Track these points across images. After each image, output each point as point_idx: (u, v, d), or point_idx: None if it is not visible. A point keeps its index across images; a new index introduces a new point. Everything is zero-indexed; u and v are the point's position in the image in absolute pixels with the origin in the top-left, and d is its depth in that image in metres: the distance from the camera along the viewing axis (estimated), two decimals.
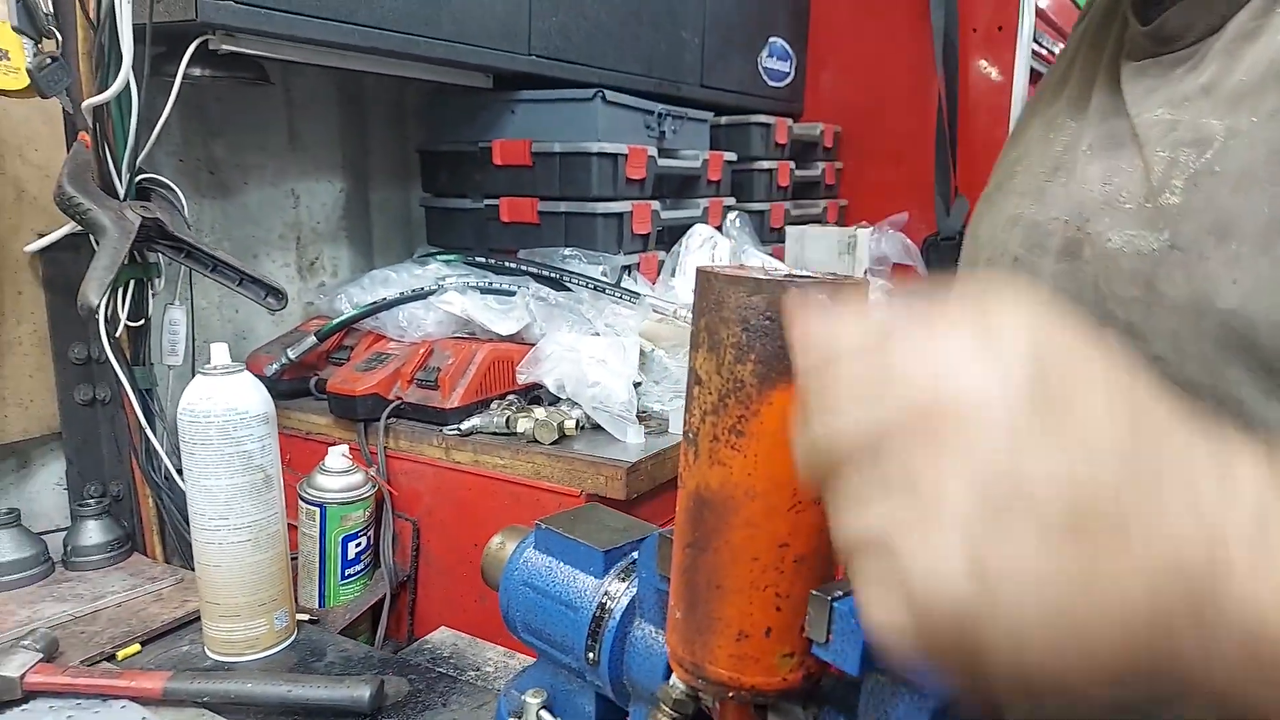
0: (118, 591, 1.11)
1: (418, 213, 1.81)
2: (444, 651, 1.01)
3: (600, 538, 0.65)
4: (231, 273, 1.18)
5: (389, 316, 1.35)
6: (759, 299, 0.43)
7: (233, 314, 1.49)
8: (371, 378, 1.26)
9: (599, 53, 1.65)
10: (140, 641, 1.00)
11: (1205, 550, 0.29)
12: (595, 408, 1.18)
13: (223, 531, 0.94)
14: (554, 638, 0.65)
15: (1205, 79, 0.52)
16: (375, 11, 1.21)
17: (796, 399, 0.40)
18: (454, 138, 1.66)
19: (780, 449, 0.44)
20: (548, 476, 1.12)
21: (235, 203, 1.49)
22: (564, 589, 0.65)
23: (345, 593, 1.18)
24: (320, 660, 0.97)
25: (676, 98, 1.86)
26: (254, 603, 0.96)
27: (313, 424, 1.32)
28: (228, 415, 0.93)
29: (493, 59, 1.44)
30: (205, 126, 1.43)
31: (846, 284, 0.44)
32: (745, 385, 0.44)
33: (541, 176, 1.57)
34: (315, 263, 1.66)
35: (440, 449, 1.20)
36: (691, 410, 0.47)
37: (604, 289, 1.44)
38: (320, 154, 1.65)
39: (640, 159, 1.60)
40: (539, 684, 0.69)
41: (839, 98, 2.33)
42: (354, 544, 1.17)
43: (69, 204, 1.05)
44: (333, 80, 1.63)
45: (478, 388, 1.24)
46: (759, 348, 0.43)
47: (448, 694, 0.90)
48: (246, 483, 0.94)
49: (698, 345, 0.46)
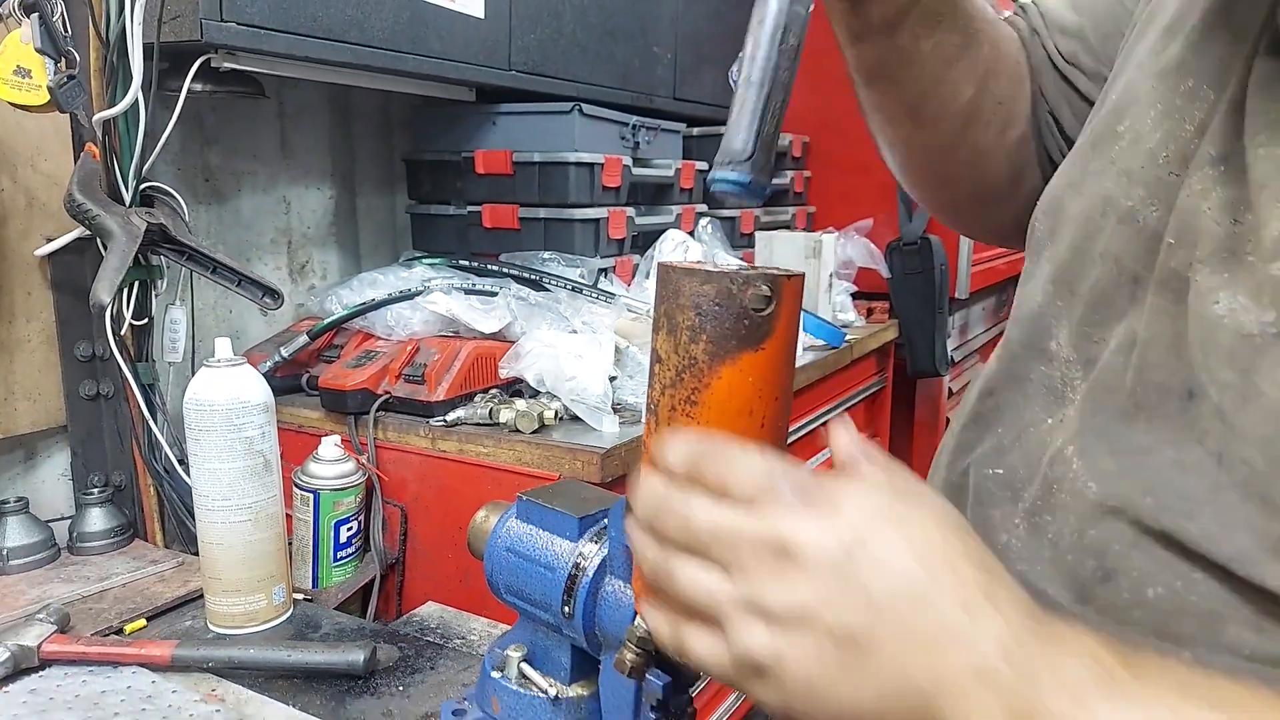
0: (122, 574, 1.18)
1: (403, 219, 1.89)
2: (431, 623, 1.08)
3: (575, 506, 0.72)
4: (231, 274, 1.25)
5: (377, 316, 1.43)
6: (709, 288, 0.52)
7: (227, 314, 1.56)
8: (361, 373, 1.34)
9: (576, 68, 1.74)
10: (146, 617, 1.07)
11: (931, 683, 0.40)
12: (573, 400, 1.26)
13: (225, 512, 1.02)
14: (533, 596, 0.72)
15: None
16: (366, 31, 1.30)
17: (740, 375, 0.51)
18: (438, 148, 1.75)
19: (728, 416, 0.53)
20: (528, 463, 1.20)
21: (229, 208, 1.57)
22: (542, 552, 0.72)
23: (337, 574, 1.25)
24: (316, 632, 1.05)
25: (650, 110, 1.95)
26: (254, 578, 1.04)
27: (305, 418, 1.39)
28: (231, 404, 1.00)
29: (475, 74, 1.52)
30: (201, 136, 1.50)
31: (786, 276, 0.53)
32: (698, 362, 0.52)
33: (522, 184, 1.66)
34: (306, 266, 1.73)
35: (427, 439, 1.28)
36: (653, 385, 0.56)
37: (581, 289, 1.52)
38: (310, 162, 1.72)
39: (616, 168, 1.69)
40: (520, 641, 0.77)
41: (807, 109, 2.41)
42: (345, 528, 1.24)
43: (79, 210, 1.13)
44: (323, 93, 1.71)
45: (462, 382, 1.32)
46: (710, 329, 0.52)
47: (435, 659, 0.98)
48: (247, 466, 1.02)
49: (658, 328, 0.55)
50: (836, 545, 0.42)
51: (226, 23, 1.11)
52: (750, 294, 0.50)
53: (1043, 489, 0.56)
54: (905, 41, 0.68)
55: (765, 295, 0.51)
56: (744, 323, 0.51)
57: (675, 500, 0.48)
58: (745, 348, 0.51)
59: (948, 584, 0.41)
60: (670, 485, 0.49)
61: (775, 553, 0.43)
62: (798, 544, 0.43)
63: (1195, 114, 0.52)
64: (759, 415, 0.52)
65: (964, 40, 0.70)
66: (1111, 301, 0.55)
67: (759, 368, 0.52)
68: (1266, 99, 0.47)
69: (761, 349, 0.51)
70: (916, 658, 0.40)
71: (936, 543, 0.42)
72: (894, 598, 0.41)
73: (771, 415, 0.53)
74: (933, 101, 0.72)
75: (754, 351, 0.51)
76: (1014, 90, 0.74)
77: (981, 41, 0.71)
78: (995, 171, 0.76)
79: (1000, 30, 0.74)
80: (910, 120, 0.75)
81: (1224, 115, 0.49)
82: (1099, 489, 0.52)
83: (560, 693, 0.72)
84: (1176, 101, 0.53)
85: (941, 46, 0.69)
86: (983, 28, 0.71)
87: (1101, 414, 0.53)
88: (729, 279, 0.51)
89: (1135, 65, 0.60)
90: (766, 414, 0.52)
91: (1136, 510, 0.49)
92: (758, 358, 0.51)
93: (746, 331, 0.51)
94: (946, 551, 0.42)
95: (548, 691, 0.72)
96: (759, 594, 0.43)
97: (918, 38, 0.68)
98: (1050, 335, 0.60)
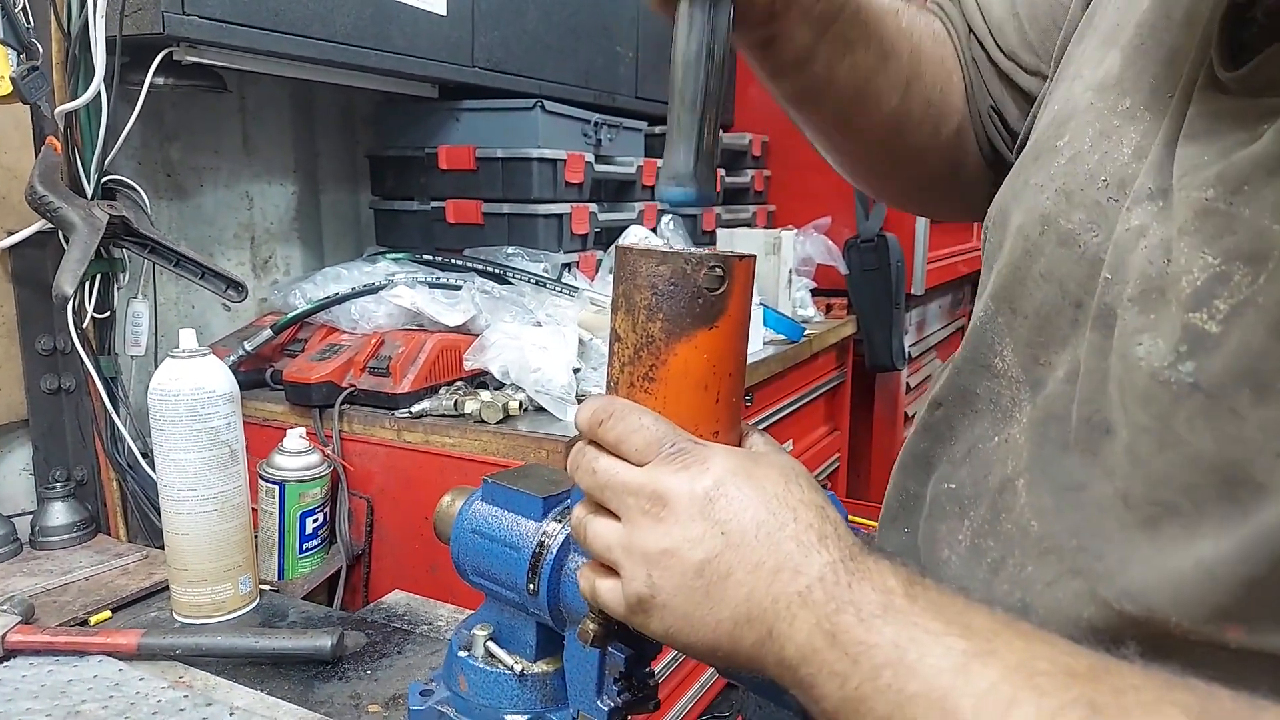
0: (85, 567, 1.18)
1: (367, 214, 1.89)
2: (399, 610, 1.10)
3: (540, 487, 0.74)
4: (194, 267, 1.26)
5: (342, 310, 1.44)
6: (665, 268, 0.54)
7: (190, 309, 1.56)
8: (326, 366, 1.35)
9: (538, 66, 1.76)
10: (111, 608, 1.07)
11: (770, 603, 0.47)
12: (537, 391, 1.28)
13: (191, 502, 1.02)
14: (499, 576, 0.74)
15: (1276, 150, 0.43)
16: (329, 27, 1.31)
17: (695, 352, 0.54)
18: (401, 144, 1.76)
19: (684, 391, 0.55)
20: (494, 452, 1.22)
21: (191, 204, 1.57)
22: (508, 532, 0.74)
23: (303, 566, 1.26)
24: (283, 620, 1.06)
25: (612, 108, 1.98)
26: (220, 568, 1.04)
27: (269, 411, 1.40)
28: (195, 394, 1.01)
29: (438, 71, 1.54)
30: (163, 131, 1.50)
31: (738, 257, 0.55)
32: (655, 339, 0.55)
33: (485, 180, 1.67)
34: (269, 261, 1.73)
35: (392, 431, 1.29)
36: (611, 363, 0.58)
37: (544, 283, 1.54)
38: (273, 158, 1.73)
39: (578, 164, 1.71)
40: (486, 620, 0.79)
41: (766, 110, 2.45)
42: (311, 519, 1.25)
43: (41, 203, 1.13)
44: (285, 88, 1.71)
45: (427, 374, 1.33)
46: (666, 308, 0.54)
47: (402, 644, 0.99)
48: (213, 456, 1.02)
49: (616, 309, 0.57)
50: (701, 493, 0.50)
51: (189, 16, 1.12)
52: (704, 274, 0.53)
53: (990, 514, 0.59)
54: (819, 70, 0.70)
55: (718, 275, 0.53)
56: (698, 301, 0.53)
57: (587, 455, 0.56)
58: (700, 325, 0.54)
59: (788, 524, 0.49)
60: (583, 443, 0.57)
61: (653, 501, 0.51)
62: (671, 494, 0.50)
63: (1132, 136, 0.53)
64: (714, 390, 0.55)
65: (879, 55, 0.72)
66: (1056, 325, 0.56)
67: (713, 344, 0.54)
68: (1193, 141, 0.48)
69: (715, 326, 0.54)
70: (759, 584, 0.48)
71: (782, 492, 0.50)
72: (744, 535, 0.49)
73: (726, 390, 0.55)
74: (858, 115, 0.75)
75: (708, 329, 0.54)
76: (942, 90, 0.76)
77: (899, 52, 0.73)
78: (934, 164, 0.79)
79: (919, 32, 0.75)
80: (840, 132, 0.79)
81: (1160, 147, 0.50)
82: (1039, 527, 0.55)
83: (526, 669, 0.74)
84: (1114, 121, 0.55)
85: (857, 67, 0.71)
86: (897, 38, 0.72)
87: (1048, 445, 0.55)
88: (684, 259, 0.54)
89: (1074, 74, 0.61)
90: (721, 389, 0.55)
91: (1062, 552, 0.53)
92: (712, 335, 0.54)
93: (701, 310, 0.53)
94: (789, 499, 0.50)
95: (514, 668, 0.74)
96: (640, 539, 0.51)
97: (831, 65, 0.70)
98: (994, 351, 0.62)
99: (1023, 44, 0.73)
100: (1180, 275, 0.46)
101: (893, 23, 0.72)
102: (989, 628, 0.43)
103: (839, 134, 0.79)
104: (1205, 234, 0.45)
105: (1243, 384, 0.42)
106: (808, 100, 0.75)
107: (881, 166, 0.82)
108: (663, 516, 0.50)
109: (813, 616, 0.45)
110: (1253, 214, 0.43)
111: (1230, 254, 0.44)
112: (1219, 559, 0.43)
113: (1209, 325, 0.44)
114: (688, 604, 0.49)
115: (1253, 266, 0.42)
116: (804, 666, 0.46)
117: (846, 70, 0.71)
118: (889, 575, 0.46)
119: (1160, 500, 0.46)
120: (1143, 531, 0.47)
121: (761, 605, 0.47)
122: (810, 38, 0.68)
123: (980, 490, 0.60)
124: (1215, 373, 0.43)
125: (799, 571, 0.47)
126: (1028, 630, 0.43)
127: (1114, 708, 0.37)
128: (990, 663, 0.40)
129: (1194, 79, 0.50)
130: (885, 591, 0.45)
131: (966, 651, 0.41)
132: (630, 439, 0.53)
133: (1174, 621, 0.45)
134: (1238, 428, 0.42)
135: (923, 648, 0.42)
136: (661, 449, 0.52)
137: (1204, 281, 0.44)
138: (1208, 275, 0.44)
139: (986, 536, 0.59)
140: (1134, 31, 0.56)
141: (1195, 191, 0.46)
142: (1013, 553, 0.56)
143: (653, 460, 0.52)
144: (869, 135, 0.77)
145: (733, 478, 0.50)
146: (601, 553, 0.54)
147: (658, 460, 0.52)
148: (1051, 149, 0.59)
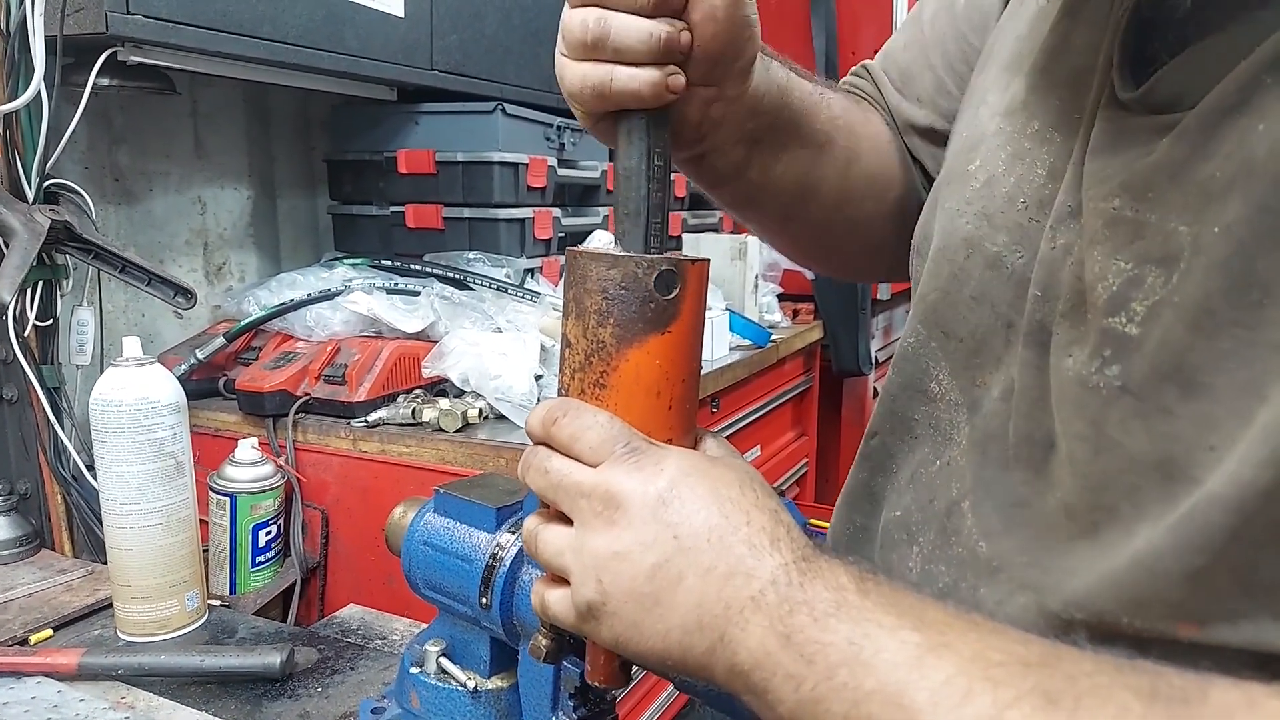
0: (27, 583, 1.14)
1: (325, 220, 1.86)
2: (352, 624, 1.07)
3: (493, 498, 0.72)
4: (140, 273, 1.22)
5: (297, 317, 1.40)
6: (615, 272, 0.52)
7: (139, 318, 1.52)
8: (279, 375, 1.31)
9: (499, 69, 1.73)
10: (53, 627, 1.03)
11: (722, 609, 0.46)
12: (498, 398, 1.26)
13: (134, 516, 0.99)
14: (451, 589, 0.72)
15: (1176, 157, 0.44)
16: (280, 27, 1.28)
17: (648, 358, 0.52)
18: (359, 148, 1.72)
19: (635, 398, 0.53)
20: (452, 461, 1.19)
21: (140, 209, 1.52)
22: (460, 545, 0.72)
23: (256, 580, 1.22)
24: (231, 637, 1.02)
25: None
26: (165, 584, 1.01)
27: (222, 421, 1.36)
28: (139, 404, 0.97)
29: (395, 73, 1.51)
30: (110, 134, 1.46)
31: (690, 260, 0.53)
32: (606, 345, 0.53)
33: (445, 184, 1.65)
34: (223, 268, 1.69)
35: (348, 440, 1.26)
36: (563, 369, 0.56)
37: (506, 289, 1.52)
38: (226, 163, 1.69)
39: (541, 169, 1.69)
40: (439, 636, 0.76)
41: None
42: (264, 532, 1.22)
43: None
44: (239, 91, 1.68)
45: (384, 382, 1.30)
46: (616, 313, 0.52)
47: (356, 660, 0.97)
48: (158, 469, 0.99)
49: (567, 314, 0.55)
50: (654, 495, 0.49)
51: (133, 15, 1.09)
52: (656, 278, 0.51)
53: (939, 539, 0.59)
54: (755, 176, 0.70)
55: (671, 279, 0.52)
56: (650, 306, 0.51)
57: (539, 455, 0.54)
58: (652, 331, 0.52)
59: (741, 528, 0.47)
60: (535, 444, 0.55)
61: (605, 503, 0.49)
62: (623, 495, 0.49)
63: (1045, 158, 0.55)
64: (666, 396, 0.53)
65: (815, 149, 0.72)
66: (990, 346, 0.57)
67: (666, 350, 0.52)
68: (1098, 155, 0.50)
69: (668, 332, 0.52)
70: (711, 588, 0.46)
71: (736, 495, 0.49)
72: (696, 538, 0.47)
73: (679, 396, 0.54)
74: (799, 209, 0.75)
75: (661, 334, 0.52)
76: (882, 161, 0.77)
77: (834, 140, 0.73)
78: (881, 230, 0.79)
79: (849, 115, 0.75)
80: (783, 228, 0.80)
81: (1074, 166, 0.52)
82: (988, 548, 0.54)
83: (480, 685, 0.72)
84: (1025, 144, 0.56)
85: (793, 164, 0.71)
86: (830, 129, 0.72)
87: (989, 465, 0.55)
88: (635, 263, 0.52)
89: (979, 100, 0.63)
90: (674, 395, 0.53)
91: (1011, 569, 0.52)
92: (664, 340, 0.52)
93: (653, 315, 0.52)
94: (742, 502, 0.49)
95: (467, 685, 0.72)
96: (591, 542, 0.49)
97: (766, 170, 0.70)
98: (930, 376, 0.62)
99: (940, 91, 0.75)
100: (1096, 283, 0.47)
101: (824, 114, 0.72)
102: (942, 620, 0.42)
103: (783, 229, 0.80)
104: (1116, 241, 0.46)
105: (1168, 382, 0.43)
106: (749, 205, 0.75)
107: (828, 243, 0.82)
108: (615, 519, 0.49)
109: (766, 620, 0.45)
110: (1159, 218, 0.44)
111: (1141, 258, 0.45)
112: (1153, 552, 0.43)
113: (1129, 328, 0.45)
114: (637, 611, 0.48)
115: (1164, 268, 0.44)
116: (757, 671, 0.45)
117: (782, 169, 0.71)
118: (841, 573, 0.46)
119: (1101, 505, 0.47)
120: (1085, 539, 0.48)
121: (713, 612, 0.46)
122: (743, 151, 0.68)
123: (927, 516, 0.60)
124: (1141, 373, 0.44)
125: (751, 576, 0.46)
126: (980, 621, 0.42)
127: (1068, 695, 0.37)
128: (945, 655, 0.40)
129: (1098, 100, 0.51)
130: (838, 589, 0.45)
131: (921, 644, 0.41)
132: (584, 436, 0.52)
133: (1126, 621, 0.45)
134: (1170, 425, 0.43)
135: (877, 643, 0.41)
136: (615, 449, 0.51)
137: (1119, 286, 0.46)
138: (1122, 280, 0.46)
139: (937, 562, 0.58)
140: (1037, 57, 0.57)
141: (1103, 202, 0.48)
142: (965, 576, 0.56)
143: (606, 460, 0.51)
144: (814, 219, 0.77)
145: (687, 479, 0.49)
146: (552, 559, 0.53)
147: (611, 460, 0.50)
148: (964, 173, 0.60)
